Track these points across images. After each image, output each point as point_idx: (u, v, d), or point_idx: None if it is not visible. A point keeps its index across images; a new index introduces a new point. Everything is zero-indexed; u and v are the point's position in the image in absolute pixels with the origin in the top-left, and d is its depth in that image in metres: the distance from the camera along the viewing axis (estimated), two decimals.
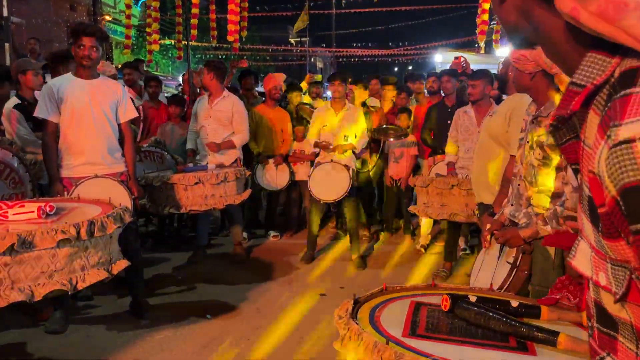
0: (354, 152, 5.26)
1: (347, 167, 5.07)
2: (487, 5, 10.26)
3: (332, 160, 5.12)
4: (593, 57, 0.67)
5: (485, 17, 10.39)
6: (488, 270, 2.66)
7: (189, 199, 4.36)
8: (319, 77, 8.58)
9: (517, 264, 2.47)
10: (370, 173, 6.18)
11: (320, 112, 5.38)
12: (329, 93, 7.55)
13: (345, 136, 5.19)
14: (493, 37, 11.87)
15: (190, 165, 4.91)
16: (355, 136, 5.20)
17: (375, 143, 5.98)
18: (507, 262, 2.53)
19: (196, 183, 4.34)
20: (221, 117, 5.09)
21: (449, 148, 4.87)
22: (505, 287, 2.43)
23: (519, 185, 2.62)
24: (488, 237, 2.69)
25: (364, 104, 6.28)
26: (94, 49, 3.56)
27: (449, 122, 4.96)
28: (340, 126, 5.18)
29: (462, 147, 4.71)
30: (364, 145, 5.32)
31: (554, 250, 2.43)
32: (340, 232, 6.27)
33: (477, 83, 4.37)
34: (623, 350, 0.70)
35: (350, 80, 6.52)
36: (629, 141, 0.58)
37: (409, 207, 5.08)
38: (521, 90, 2.70)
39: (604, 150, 0.61)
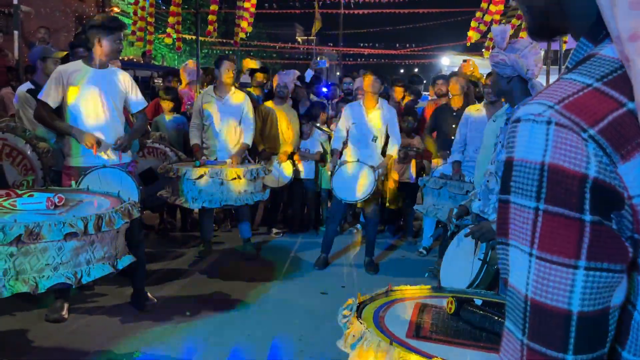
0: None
1: (373, 167, 4.82)
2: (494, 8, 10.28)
3: (358, 160, 4.89)
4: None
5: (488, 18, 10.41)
6: (460, 267, 2.73)
7: (223, 194, 4.45)
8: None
9: (487, 259, 2.57)
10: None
11: (352, 108, 5.01)
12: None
13: (374, 137, 4.89)
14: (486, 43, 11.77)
15: (204, 159, 4.81)
16: (379, 137, 4.93)
17: None
18: (479, 259, 2.63)
19: (234, 179, 4.42)
20: (235, 112, 5.05)
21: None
22: (475, 284, 2.53)
23: (487, 181, 2.74)
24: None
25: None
26: (121, 41, 3.80)
27: (454, 125, 4.96)
28: (371, 126, 4.88)
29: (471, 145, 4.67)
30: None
31: None
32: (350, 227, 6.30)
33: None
34: None
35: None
36: None
37: (414, 206, 5.01)
38: (499, 94, 2.91)
39: None
